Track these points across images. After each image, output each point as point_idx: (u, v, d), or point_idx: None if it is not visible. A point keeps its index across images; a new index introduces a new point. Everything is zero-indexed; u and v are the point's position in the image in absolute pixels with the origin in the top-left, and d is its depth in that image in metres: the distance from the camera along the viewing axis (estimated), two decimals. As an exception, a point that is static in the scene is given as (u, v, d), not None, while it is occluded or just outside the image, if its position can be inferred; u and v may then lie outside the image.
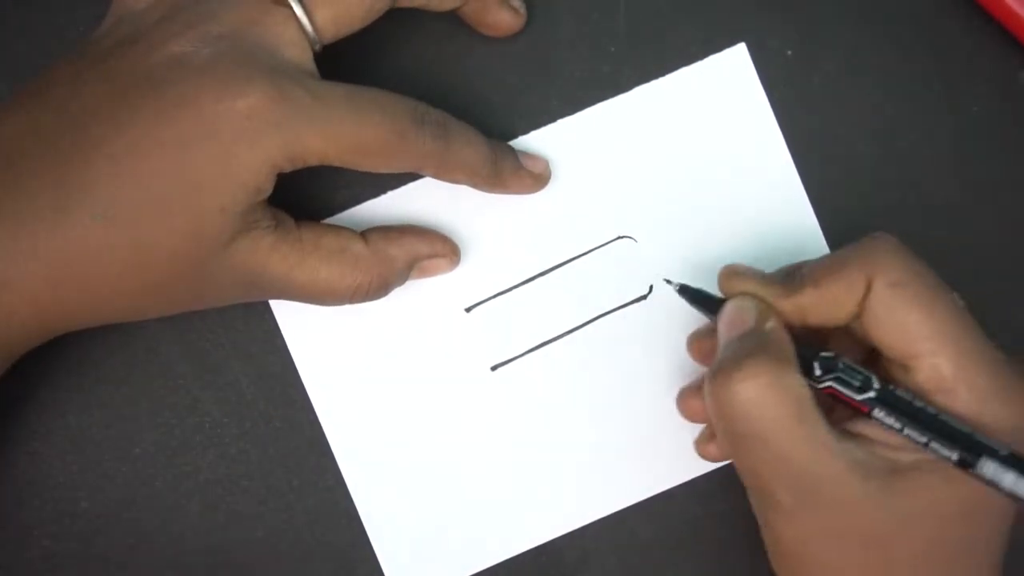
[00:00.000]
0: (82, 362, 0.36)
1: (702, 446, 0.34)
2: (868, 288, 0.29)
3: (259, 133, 0.29)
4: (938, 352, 0.28)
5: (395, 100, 0.31)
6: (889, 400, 0.29)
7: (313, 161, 0.30)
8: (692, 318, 0.36)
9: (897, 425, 0.28)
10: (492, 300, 0.36)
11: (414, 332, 0.36)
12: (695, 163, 0.36)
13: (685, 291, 0.33)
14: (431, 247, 0.35)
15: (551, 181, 0.36)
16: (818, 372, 0.29)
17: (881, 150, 0.37)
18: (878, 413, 0.29)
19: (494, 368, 0.36)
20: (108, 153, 0.29)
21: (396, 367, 0.36)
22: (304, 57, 0.31)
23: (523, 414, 0.36)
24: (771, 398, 0.28)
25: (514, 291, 0.36)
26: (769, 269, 0.32)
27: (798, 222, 0.36)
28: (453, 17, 0.35)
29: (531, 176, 0.35)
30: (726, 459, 0.34)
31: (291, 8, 0.30)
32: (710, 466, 0.36)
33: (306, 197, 0.36)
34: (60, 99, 0.30)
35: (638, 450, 0.36)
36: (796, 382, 0.28)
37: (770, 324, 0.30)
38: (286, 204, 0.32)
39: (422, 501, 0.36)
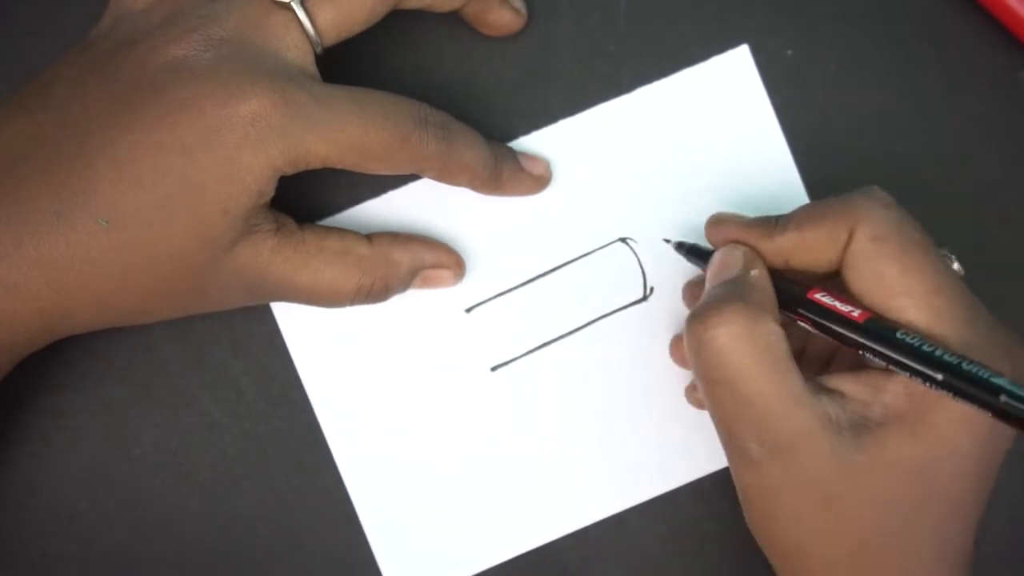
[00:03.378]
0: (82, 362, 0.36)
1: (691, 393, 0.34)
2: (850, 238, 0.29)
3: (262, 138, 0.29)
4: (912, 307, 0.28)
5: (398, 102, 0.31)
6: (875, 327, 0.28)
7: (316, 164, 0.30)
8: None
9: (881, 349, 0.28)
10: (492, 301, 0.36)
11: (414, 333, 0.36)
12: (696, 165, 0.36)
13: (682, 247, 0.33)
14: (436, 257, 0.35)
15: (551, 182, 0.36)
16: (803, 312, 0.29)
17: (881, 150, 0.37)
18: (863, 339, 0.28)
19: (494, 369, 0.36)
20: (110, 158, 0.29)
21: (396, 368, 0.36)
22: (306, 60, 0.31)
23: (523, 415, 0.36)
24: (744, 345, 0.28)
25: (514, 292, 0.36)
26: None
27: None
28: (453, 17, 0.35)
29: (531, 178, 0.35)
30: None
31: (293, 11, 0.30)
32: (712, 467, 0.36)
33: (306, 197, 0.36)
34: (61, 102, 0.30)
35: (638, 451, 0.36)
36: (771, 330, 0.28)
37: (754, 272, 0.30)
38: (286, 204, 0.32)
39: (421, 502, 0.36)
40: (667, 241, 0.34)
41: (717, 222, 0.32)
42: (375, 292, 0.33)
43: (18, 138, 0.30)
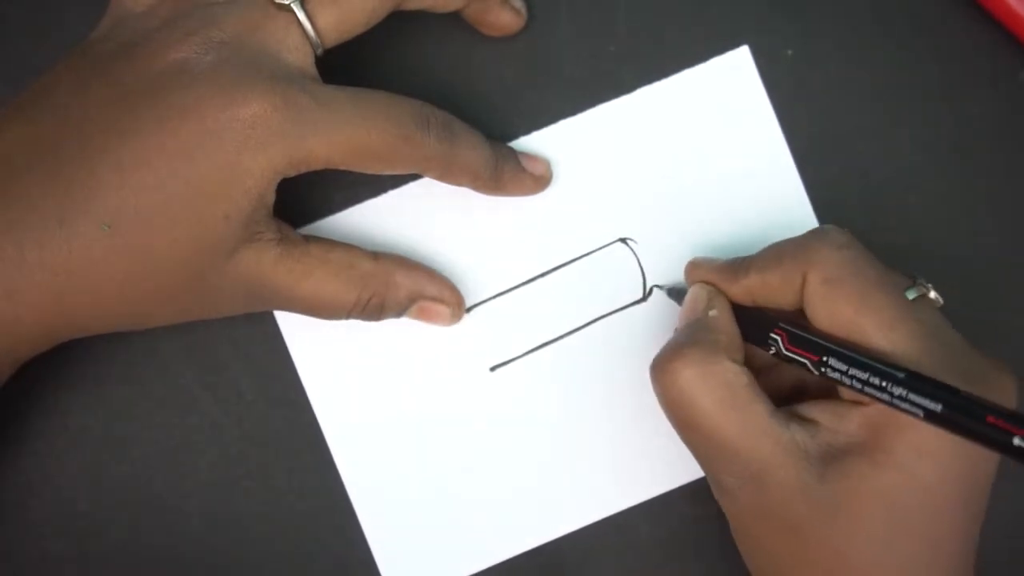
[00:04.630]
0: (82, 362, 0.36)
1: None
2: (804, 281, 0.30)
3: (263, 141, 0.29)
4: (870, 343, 0.28)
5: (399, 103, 0.31)
6: (836, 350, 0.29)
7: (317, 166, 0.30)
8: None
9: (843, 367, 0.28)
10: (492, 301, 0.36)
11: (413, 333, 0.36)
12: (696, 165, 0.36)
13: (672, 292, 0.35)
14: (438, 291, 0.34)
15: (552, 182, 0.36)
16: (773, 336, 0.30)
17: (881, 150, 0.37)
18: (830, 363, 0.29)
19: (493, 369, 0.36)
20: (112, 162, 0.29)
21: (395, 368, 0.36)
22: (306, 62, 0.30)
23: (522, 415, 0.36)
24: (701, 385, 0.29)
25: (514, 292, 0.36)
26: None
27: (798, 223, 0.36)
28: (453, 17, 0.35)
29: (532, 178, 0.35)
30: None
31: (293, 13, 0.30)
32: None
33: (306, 197, 0.36)
34: (62, 106, 0.30)
35: (638, 451, 0.36)
36: (727, 368, 0.29)
37: (713, 312, 0.31)
38: (286, 204, 0.32)
39: (420, 502, 0.36)
40: (659, 287, 0.36)
41: (694, 266, 0.34)
42: (371, 308, 0.33)
43: (19, 142, 0.30)
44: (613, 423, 0.36)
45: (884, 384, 0.27)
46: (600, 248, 0.36)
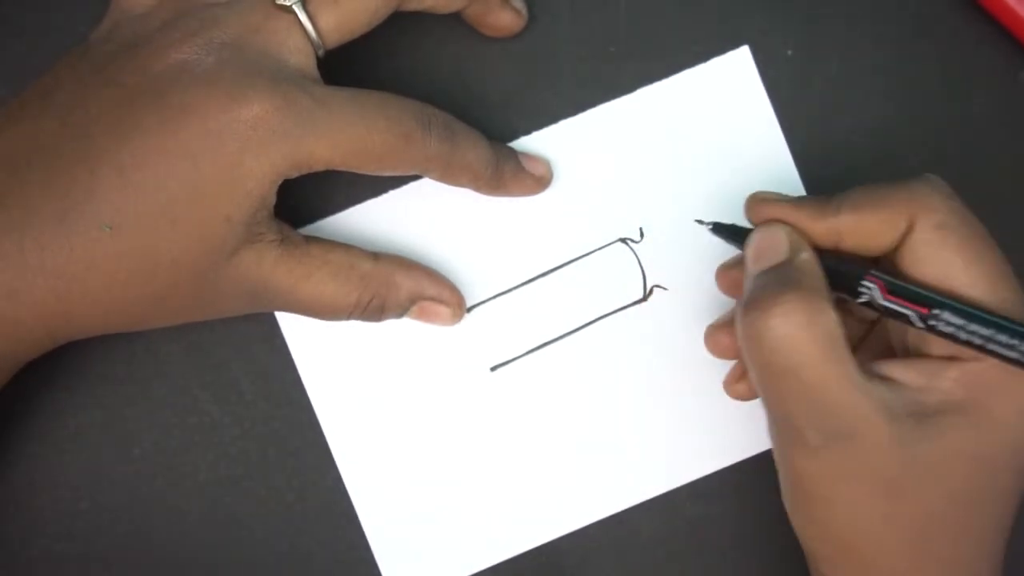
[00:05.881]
0: (82, 362, 0.36)
1: (731, 385, 0.34)
2: (911, 226, 0.28)
3: (265, 142, 0.29)
4: (979, 297, 0.28)
5: (400, 104, 0.31)
6: (950, 303, 0.28)
7: (319, 167, 0.30)
8: (691, 320, 0.36)
9: (960, 322, 0.27)
10: (492, 301, 0.36)
11: (414, 333, 0.36)
12: (696, 165, 0.36)
13: (721, 229, 0.32)
14: (438, 291, 0.34)
15: (552, 182, 0.36)
16: (866, 283, 0.29)
17: (881, 150, 0.37)
18: (943, 317, 0.28)
19: (494, 369, 0.36)
20: (113, 164, 0.29)
21: (396, 368, 0.36)
22: (308, 63, 0.30)
23: (522, 415, 0.36)
24: (805, 335, 0.27)
25: (514, 292, 0.36)
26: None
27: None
28: (454, 18, 0.35)
29: (533, 178, 0.35)
30: (755, 397, 0.33)
31: (295, 14, 0.30)
32: (711, 467, 0.36)
33: (306, 197, 0.36)
34: (63, 106, 0.30)
35: (638, 451, 0.36)
36: (830, 319, 0.28)
37: (804, 255, 0.29)
38: (286, 204, 0.32)
39: (421, 501, 0.36)
40: (700, 222, 0.33)
41: (761, 200, 0.31)
42: (371, 309, 0.33)
43: (20, 142, 0.29)
44: (613, 423, 0.36)
45: (1012, 342, 0.26)
46: (600, 248, 0.36)
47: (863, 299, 0.29)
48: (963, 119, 0.37)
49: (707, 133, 0.36)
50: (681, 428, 0.36)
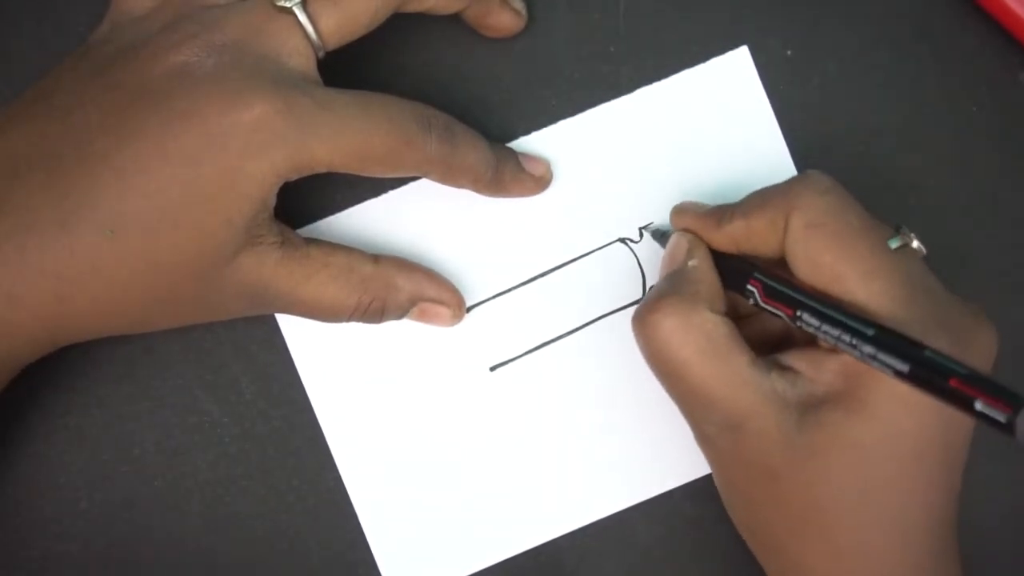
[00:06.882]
0: (82, 363, 0.36)
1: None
2: (786, 225, 0.30)
3: (265, 145, 0.29)
4: (847, 292, 0.29)
5: (401, 105, 0.31)
6: (810, 304, 0.29)
7: (319, 169, 0.30)
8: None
9: (816, 322, 0.28)
10: (492, 301, 0.36)
11: (413, 333, 0.36)
12: (696, 166, 0.36)
13: (656, 234, 0.35)
14: (438, 293, 0.34)
15: (552, 183, 0.36)
16: (749, 287, 0.30)
17: (881, 150, 0.37)
18: (803, 317, 0.29)
19: (493, 368, 0.36)
20: (114, 167, 0.29)
21: (395, 367, 0.36)
22: (308, 65, 0.30)
23: (522, 415, 0.36)
24: (681, 336, 0.29)
25: (514, 292, 0.36)
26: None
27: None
28: (454, 18, 0.35)
29: (532, 179, 0.35)
30: None
31: (295, 16, 0.30)
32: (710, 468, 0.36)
33: (306, 196, 0.36)
34: (63, 109, 0.30)
35: (637, 451, 0.36)
36: (706, 319, 0.30)
37: (693, 262, 0.32)
38: (286, 204, 0.32)
39: (420, 501, 0.36)
40: (644, 228, 0.36)
41: (679, 211, 0.34)
42: (371, 311, 0.33)
43: (21, 146, 0.29)
44: (613, 423, 0.36)
45: (854, 342, 0.27)
46: (600, 248, 0.36)
47: (751, 301, 0.30)
48: (963, 119, 0.37)
49: (706, 133, 0.36)
50: (680, 428, 0.36)
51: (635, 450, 0.36)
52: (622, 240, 0.36)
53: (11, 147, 0.30)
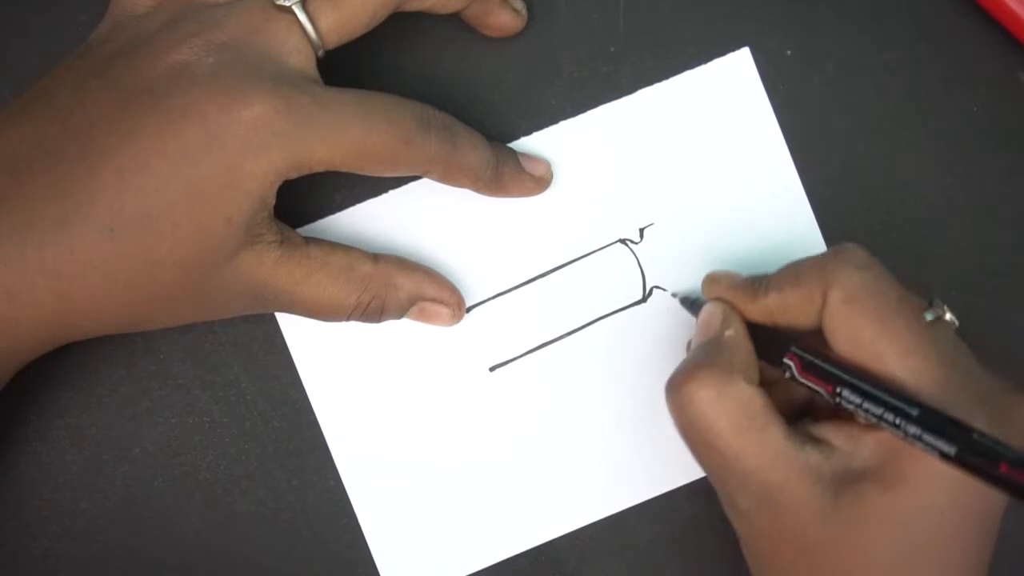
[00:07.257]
0: (82, 362, 0.36)
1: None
2: (824, 301, 0.29)
3: (265, 143, 0.29)
4: (888, 369, 0.28)
5: (400, 105, 0.31)
6: (851, 381, 0.29)
7: (319, 168, 0.30)
8: (691, 321, 0.36)
9: (858, 400, 0.28)
10: (491, 301, 0.36)
11: (413, 333, 0.36)
12: (696, 167, 0.36)
13: (685, 301, 0.34)
14: (438, 292, 0.34)
15: (552, 183, 0.36)
16: (786, 361, 0.30)
17: (881, 150, 0.37)
18: (844, 394, 0.29)
19: (492, 369, 0.36)
20: (114, 166, 0.29)
21: (395, 368, 0.36)
22: (308, 64, 0.30)
23: (521, 415, 0.36)
24: (716, 407, 0.29)
25: (514, 292, 0.36)
26: (769, 270, 0.32)
27: (798, 223, 0.36)
28: (453, 18, 0.35)
29: (532, 179, 0.35)
30: None
31: (295, 15, 0.30)
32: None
33: (306, 196, 0.36)
34: (64, 108, 0.30)
35: (637, 451, 0.36)
36: (742, 389, 0.29)
37: (729, 332, 0.31)
38: (286, 204, 0.32)
39: (419, 501, 0.36)
40: (675, 295, 0.36)
41: (712, 280, 0.33)
42: (371, 310, 0.33)
43: (21, 144, 0.29)
44: (613, 423, 0.36)
45: (897, 421, 0.27)
46: (600, 249, 0.36)
47: (787, 374, 0.30)
48: (963, 119, 0.37)
49: (707, 134, 0.36)
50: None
51: (635, 450, 0.36)
52: (622, 241, 0.36)
53: (11, 146, 0.29)
